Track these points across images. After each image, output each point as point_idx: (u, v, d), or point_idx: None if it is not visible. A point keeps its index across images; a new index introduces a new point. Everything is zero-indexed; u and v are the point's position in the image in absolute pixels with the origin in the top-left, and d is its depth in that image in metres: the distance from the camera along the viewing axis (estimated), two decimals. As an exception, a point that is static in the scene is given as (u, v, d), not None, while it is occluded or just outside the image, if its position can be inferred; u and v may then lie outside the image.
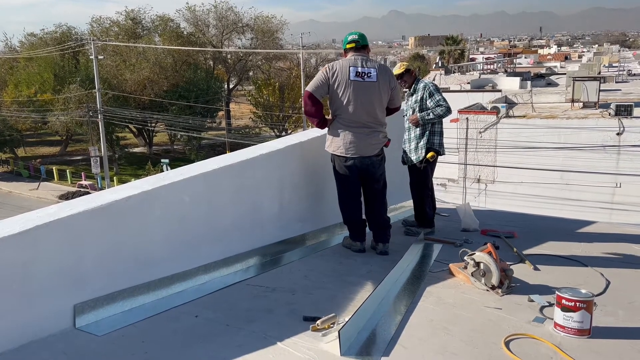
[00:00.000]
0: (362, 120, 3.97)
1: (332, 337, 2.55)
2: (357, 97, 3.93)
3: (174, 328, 2.71)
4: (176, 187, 3.23)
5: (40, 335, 2.55)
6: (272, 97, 39.15)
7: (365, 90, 3.96)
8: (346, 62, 4.00)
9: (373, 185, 4.12)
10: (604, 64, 32.82)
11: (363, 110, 3.96)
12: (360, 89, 3.94)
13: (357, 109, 3.94)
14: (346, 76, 3.93)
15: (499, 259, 3.28)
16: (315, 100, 3.98)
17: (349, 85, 3.92)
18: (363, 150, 4.00)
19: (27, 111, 35.27)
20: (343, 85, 3.92)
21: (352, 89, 3.92)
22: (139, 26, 41.06)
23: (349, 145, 3.97)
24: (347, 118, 3.96)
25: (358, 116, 3.96)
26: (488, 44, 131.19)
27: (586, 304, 2.58)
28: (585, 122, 14.13)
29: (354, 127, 3.96)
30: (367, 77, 3.98)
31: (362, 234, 4.12)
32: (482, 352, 2.46)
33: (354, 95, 3.92)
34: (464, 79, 26.25)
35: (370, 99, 3.99)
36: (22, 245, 2.50)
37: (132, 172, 34.10)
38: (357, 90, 3.93)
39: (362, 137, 3.98)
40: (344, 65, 3.97)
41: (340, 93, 3.93)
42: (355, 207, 4.12)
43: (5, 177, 35.61)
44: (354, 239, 4.13)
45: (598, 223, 5.30)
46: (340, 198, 4.15)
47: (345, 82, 3.92)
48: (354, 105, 3.93)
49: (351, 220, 4.14)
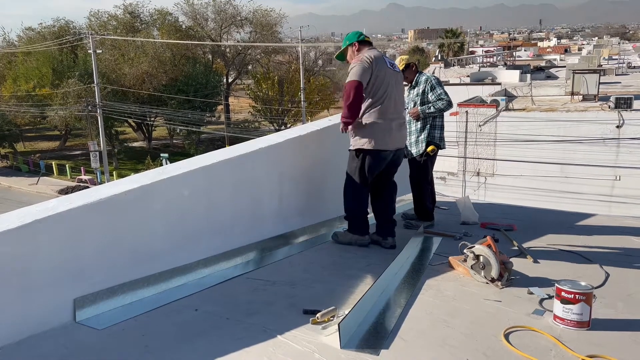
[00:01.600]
0: (398, 112, 3.93)
1: (332, 330, 2.56)
2: (392, 87, 3.87)
3: (174, 322, 2.72)
4: (175, 181, 3.23)
5: (41, 329, 2.55)
6: (271, 91, 39.06)
7: (396, 80, 3.93)
8: (376, 52, 3.89)
9: (391, 178, 4.10)
10: (603, 57, 32.73)
11: (398, 101, 3.94)
12: (393, 79, 3.90)
13: (395, 100, 3.89)
14: (384, 64, 3.83)
15: (498, 252, 3.29)
16: (362, 91, 3.75)
17: (387, 74, 3.83)
18: (399, 142, 3.99)
19: (26, 106, 35.16)
20: (384, 74, 3.81)
21: (389, 79, 3.85)
22: (137, 20, 40.83)
23: (389, 139, 3.86)
24: (388, 109, 3.83)
25: (395, 106, 3.90)
26: (488, 37, 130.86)
27: (585, 296, 2.59)
28: (585, 115, 14.10)
29: (393, 120, 3.87)
30: (395, 67, 3.98)
31: (368, 228, 4.05)
32: (481, 344, 2.47)
33: (390, 85, 3.85)
34: (464, 72, 26.17)
35: (400, 89, 3.98)
36: (21, 239, 2.50)
37: (132, 166, 34.07)
38: (392, 80, 3.87)
39: (399, 128, 3.95)
40: (377, 55, 3.85)
41: (381, 83, 3.80)
42: (366, 202, 4.05)
43: (4, 172, 35.56)
44: (362, 233, 4.00)
45: (597, 216, 5.31)
46: (355, 192, 3.98)
47: (386, 71, 3.83)
48: (391, 95, 3.85)
49: (361, 214, 4.01)
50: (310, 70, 43.01)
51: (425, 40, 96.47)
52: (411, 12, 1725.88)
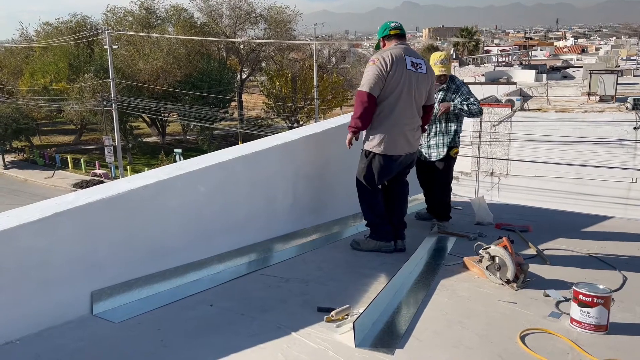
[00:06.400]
0: (413, 115, 3.72)
1: (346, 329, 2.56)
2: (411, 89, 3.63)
3: (189, 316, 2.74)
4: (192, 177, 3.25)
5: (59, 321, 2.59)
6: (284, 88, 39.09)
7: (417, 82, 3.67)
8: (399, 50, 3.63)
9: (403, 180, 4.00)
10: (621, 57, 32.26)
11: (415, 104, 3.70)
12: (414, 80, 3.64)
13: (411, 103, 3.66)
14: (403, 66, 3.58)
15: (514, 253, 3.26)
16: (374, 101, 3.57)
17: (406, 76, 3.59)
18: (412, 147, 3.80)
19: (43, 100, 35.59)
20: (400, 76, 3.57)
21: (409, 80, 3.60)
22: (152, 16, 41.11)
23: (402, 144, 3.70)
24: (402, 113, 3.64)
25: (411, 110, 3.69)
26: (503, 36, 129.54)
27: (604, 299, 2.56)
28: (602, 116, 13.91)
29: (406, 123, 3.69)
30: (419, 68, 3.68)
31: (392, 233, 3.86)
32: (497, 346, 2.45)
33: (409, 87, 3.61)
34: (479, 71, 25.97)
35: (421, 92, 3.72)
36: (41, 232, 2.54)
37: (145, 161, 34.33)
38: (412, 82, 3.63)
39: (412, 133, 3.76)
40: (398, 54, 3.60)
41: (398, 85, 3.57)
42: (382, 206, 3.88)
43: (21, 165, 36.06)
44: (387, 239, 3.83)
45: (614, 218, 5.23)
46: (370, 198, 3.85)
47: (403, 73, 3.57)
48: (409, 98, 3.63)
49: (381, 220, 3.85)
50: (323, 68, 42.96)
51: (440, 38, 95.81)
52: (426, 10, 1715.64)
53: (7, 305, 2.42)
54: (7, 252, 2.43)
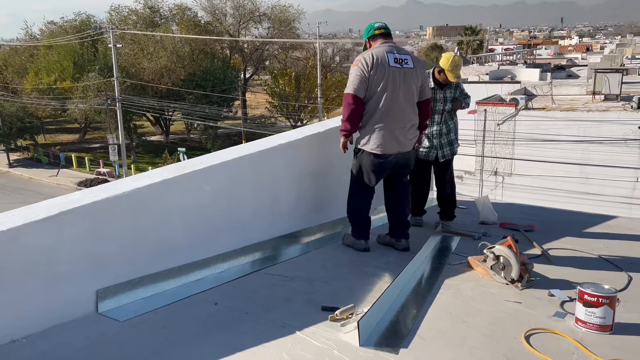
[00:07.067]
0: (402, 112, 3.66)
1: (350, 328, 2.56)
2: (397, 86, 3.60)
3: (194, 315, 2.74)
4: (197, 176, 3.25)
5: (64, 319, 2.60)
6: (288, 87, 39.08)
7: (404, 77, 3.63)
8: (381, 49, 3.65)
9: (403, 180, 3.97)
10: (626, 56, 32.06)
11: (404, 101, 3.65)
12: (400, 76, 3.61)
13: (398, 100, 3.61)
14: (385, 63, 3.57)
15: (518, 253, 3.25)
16: (360, 102, 3.60)
17: (389, 73, 3.57)
18: (403, 146, 3.72)
19: (47, 99, 35.71)
20: (383, 73, 3.56)
21: (392, 77, 3.58)
22: (156, 15, 41.15)
23: (389, 143, 3.65)
24: (387, 111, 3.61)
25: (399, 108, 3.63)
26: (507, 35, 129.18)
27: (609, 299, 2.55)
28: (607, 115, 13.84)
29: (395, 121, 3.64)
30: (404, 63, 3.65)
31: (368, 232, 3.90)
32: (502, 345, 2.45)
33: (393, 84, 3.58)
34: (483, 70, 25.89)
35: (410, 87, 3.67)
36: (46, 230, 2.55)
37: (149, 160, 34.40)
38: (396, 78, 3.60)
39: (403, 132, 3.69)
40: (379, 52, 3.61)
41: (380, 83, 3.57)
42: (369, 205, 3.90)
43: (25, 164, 36.18)
44: (361, 237, 3.86)
45: (619, 218, 5.21)
46: (356, 195, 3.88)
47: (385, 70, 3.56)
48: (394, 95, 3.59)
49: (362, 217, 3.88)
50: (327, 67, 42.94)
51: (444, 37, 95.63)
52: (430, 9, 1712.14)
53: (13, 304, 2.44)
54: (13, 250, 2.44)
